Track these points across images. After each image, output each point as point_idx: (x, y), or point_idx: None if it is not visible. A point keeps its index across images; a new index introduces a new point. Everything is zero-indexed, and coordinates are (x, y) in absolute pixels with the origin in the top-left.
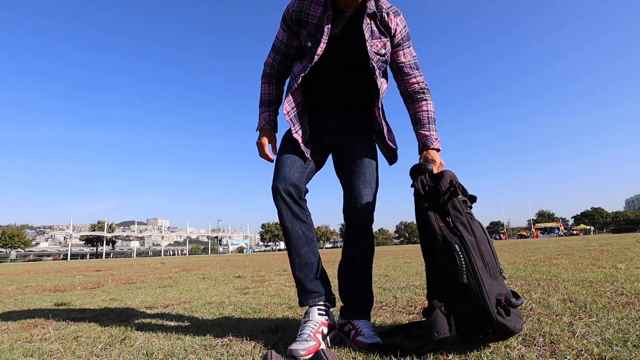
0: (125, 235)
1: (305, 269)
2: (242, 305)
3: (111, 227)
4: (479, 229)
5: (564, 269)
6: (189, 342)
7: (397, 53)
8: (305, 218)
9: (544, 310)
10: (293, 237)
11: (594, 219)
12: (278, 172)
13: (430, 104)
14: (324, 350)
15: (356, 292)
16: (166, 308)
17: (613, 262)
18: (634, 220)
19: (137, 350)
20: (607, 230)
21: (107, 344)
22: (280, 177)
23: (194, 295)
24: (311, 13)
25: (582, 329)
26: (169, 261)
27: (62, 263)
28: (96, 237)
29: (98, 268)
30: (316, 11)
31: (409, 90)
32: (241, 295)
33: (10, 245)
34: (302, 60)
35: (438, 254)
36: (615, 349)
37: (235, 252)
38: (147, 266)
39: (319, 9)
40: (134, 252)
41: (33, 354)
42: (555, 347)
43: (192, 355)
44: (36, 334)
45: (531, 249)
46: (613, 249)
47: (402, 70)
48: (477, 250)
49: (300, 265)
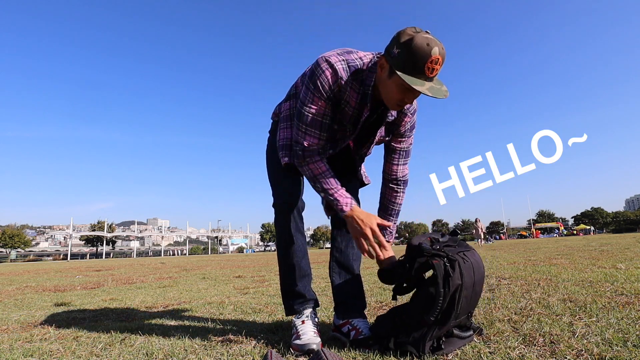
0: (125, 235)
1: (304, 280)
2: (242, 305)
3: (111, 227)
4: (470, 270)
5: (564, 269)
6: (189, 342)
7: (397, 139)
8: (304, 232)
9: (544, 310)
10: (296, 249)
11: (594, 219)
12: (282, 185)
13: (402, 196)
14: (324, 350)
15: (354, 291)
16: (166, 308)
17: (613, 262)
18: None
19: (137, 350)
20: (607, 230)
21: (107, 344)
22: (287, 191)
23: (194, 295)
24: (350, 101)
25: (582, 329)
26: (169, 261)
27: (62, 263)
28: (96, 237)
29: (98, 268)
30: (352, 98)
31: (390, 176)
32: (241, 295)
33: (10, 245)
34: None
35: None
36: (615, 349)
37: (235, 252)
38: (147, 266)
39: (355, 96)
40: (134, 252)
41: (33, 354)
42: (555, 347)
43: (192, 355)
44: (36, 334)
45: (531, 249)
46: (613, 249)
47: (393, 152)
48: (458, 296)
49: (300, 277)
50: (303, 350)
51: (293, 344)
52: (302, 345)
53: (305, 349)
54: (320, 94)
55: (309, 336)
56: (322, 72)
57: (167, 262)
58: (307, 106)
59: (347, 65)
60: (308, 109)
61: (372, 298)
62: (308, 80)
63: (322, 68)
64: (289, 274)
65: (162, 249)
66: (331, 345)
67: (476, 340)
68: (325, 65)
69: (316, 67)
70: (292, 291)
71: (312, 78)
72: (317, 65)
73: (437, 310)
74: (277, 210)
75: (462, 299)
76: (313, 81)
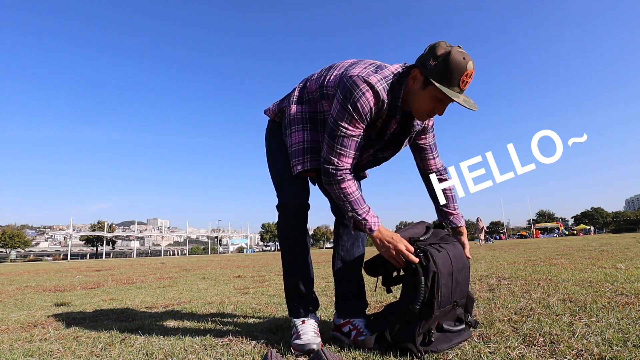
0: (125, 235)
1: (308, 282)
2: (242, 305)
3: (111, 227)
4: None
5: (564, 269)
6: (189, 342)
7: (421, 137)
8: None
9: (544, 310)
10: (303, 251)
11: (594, 219)
12: (291, 186)
13: (451, 181)
14: (324, 350)
15: (356, 290)
16: (166, 308)
17: (613, 262)
18: (634, 220)
19: (137, 350)
20: (607, 230)
21: (107, 344)
22: (296, 193)
23: (194, 295)
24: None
25: (582, 329)
26: (169, 261)
27: (62, 263)
28: (96, 237)
29: (98, 268)
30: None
31: (431, 170)
32: (241, 295)
33: (10, 245)
34: None
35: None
36: (615, 349)
37: (235, 252)
38: (147, 266)
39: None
40: (134, 252)
41: (33, 354)
42: (555, 347)
43: (192, 355)
44: (36, 334)
45: (531, 249)
46: (613, 249)
47: (423, 149)
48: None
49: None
50: (303, 350)
51: (293, 343)
52: (303, 345)
53: (306, 349)
54: (360, 117)
55: (309, 336)
56: (362, 95)
57: (167, 262)
58: (344, 127)
59: (386, 84)
60: (345, 130)
61: (372, 298)
62: (344, 99)
63: (362, 90)
64: (294, 275)
65: (162, 249)
66: (331, 345)
67: (476, 340)
68: (366, 87)
69: (353, 86)
70: (297, 293)
71: (351, 99)
72: (355, 85)
73: (420, 298)
74: (284, 211)
75: (441, 286)
76: (352, 103)
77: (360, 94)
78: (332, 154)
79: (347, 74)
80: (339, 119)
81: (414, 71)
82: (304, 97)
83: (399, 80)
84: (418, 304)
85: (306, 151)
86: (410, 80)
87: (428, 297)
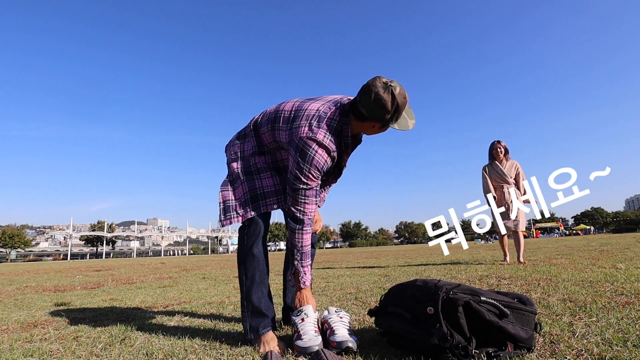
0: (125, 235)
1: (269, 298)
2: None
3: (111, 227)
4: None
5: (564, 269)
6: (189, 342)
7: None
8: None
9: (544, 310)
10: (263, 267)
11: (594, 219)
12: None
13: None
14: (324, 350)
15: None
16: (166, 308)
17: (613, 262)
18: (634, 220)
19: (137, 350)
20: (607, 230)
21: (107, 344)
22: (263, 222)
23: (194, 295)
24: (335, 159)
25: (582, 329)
26: (169, 261)
27: (62, 263)
28: (96, 237)
29: (98, 268)
30: (335, 157)
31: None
32: None
33: (10, 245)
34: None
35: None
36: (615, 349)
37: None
38: (147, 266)
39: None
40: (134, 252)
41: (33, 354)
42: (555, 347)
43: (192, 355)
44: (36, 334)
45: (531, 249)
46: (613, 249)
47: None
48: None
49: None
50: (305, 352)
51: (295, 344)
52: (305, 348)
53: (307, 352)
54: (317, 171)
55: (310, 336)
56: (315, 153)
57: (167, 262)
58: (304, 182)
59: (330, 134)
60: (306, 185)
61: (372, 298)
62: (300, 159)
63: (314, 149)
64: (256, 291)
65: (162, 249)
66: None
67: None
68: (316, 146)
69: (305, 147)
70: (258, 310)
71: (306, 158)
72: (307, 146)
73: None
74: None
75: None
76: (308, 162)
77: (313, 153)
78: (299, 205)
79: (297, 134)
80: (298, 176)
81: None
82: (248, 131)
83: (343, 120)
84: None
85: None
86: (352, 119)
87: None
